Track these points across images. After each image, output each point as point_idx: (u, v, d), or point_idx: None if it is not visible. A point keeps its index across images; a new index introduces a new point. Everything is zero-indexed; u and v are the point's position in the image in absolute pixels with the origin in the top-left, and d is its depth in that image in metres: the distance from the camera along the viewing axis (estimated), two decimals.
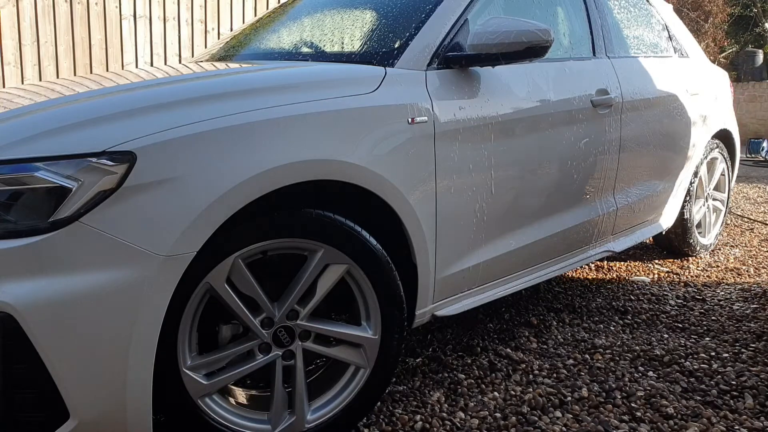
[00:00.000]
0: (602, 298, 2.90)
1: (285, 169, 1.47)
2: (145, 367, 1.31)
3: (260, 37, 2.61)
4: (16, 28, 5.24)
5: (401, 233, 1.77)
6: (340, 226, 1.59)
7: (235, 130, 1.42)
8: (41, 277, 1.21)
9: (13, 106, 1.54)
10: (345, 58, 2.03)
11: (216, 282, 1.44)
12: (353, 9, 2.41)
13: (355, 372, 1.71)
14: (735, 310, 2.73)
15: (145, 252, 1.27)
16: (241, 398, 1.64)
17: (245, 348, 1.55)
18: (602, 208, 2.61)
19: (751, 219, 4.72)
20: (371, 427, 1.78)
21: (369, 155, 1.64)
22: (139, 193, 1.28)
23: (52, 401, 1.25)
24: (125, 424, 1.32)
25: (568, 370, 2.14)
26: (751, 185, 6.55)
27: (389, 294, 1.68)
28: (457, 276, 1.97)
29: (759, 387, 1.97)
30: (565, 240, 2.41)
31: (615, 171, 2.62)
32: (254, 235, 1.47)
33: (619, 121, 2.58)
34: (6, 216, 1.22)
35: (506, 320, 2.60)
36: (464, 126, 1.88)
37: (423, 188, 1.78)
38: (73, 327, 1.23)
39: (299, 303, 1.58)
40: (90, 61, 5.57)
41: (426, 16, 2.01)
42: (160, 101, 1.44)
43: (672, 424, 1.77)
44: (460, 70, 1.94)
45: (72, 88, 1.80)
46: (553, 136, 2.23)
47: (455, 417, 1.83)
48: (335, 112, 1.60)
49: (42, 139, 1.28)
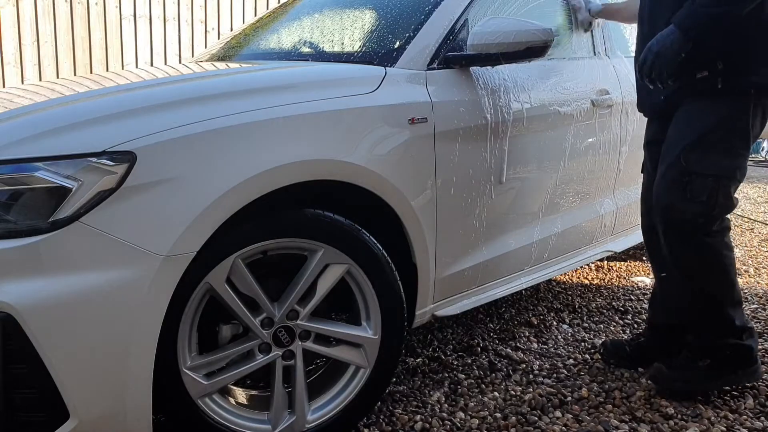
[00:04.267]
0: (602, 298, 2.90)
1: (285, 169, 1.47)
2: (145, 367, 1.31)
3: (260, 37, 2.61)
4: (16, 28, 5.24)
5: (401, 233, 1.77)
6: (340, 226, 1.59)
7: (235, 130, 1.42)
8: (41, 277, 1.21)
9: (13, 106, 1.54)
10: (345, 58, 2.03)
11: (216, 282, 1.44)
12: (353, 9, 2.41)
13: (355, 372, 1.71)
14: None
15: (145, 252, 1.27)
16: (241, 398, 1.64)
17: (245, 348, 1.55)
18: (602, 208, 2.61)
19: (751, 219, 4.72)
20: (371, 427, 1.78)
21: (369, 155, 1.64)
22: (139, 193, 1.28)
23: (52, 401, 1.25)
24: (125, 424, 1.32)
25: (568, 370, 2.14)
26: (751, 185, 6.55)
27: (389, 294, 1.68)
28: (457, 276, 1.97)
29: (759, 387, 1.97)
30: (565, 240, 2.41)
31: (615, 171, 2.63)
32: (254, 235, 1.47)
33: (620, 121, 2.58)
34: (6, 216, 1.22)
35: (506, 320, 2.60)
36: (464, 126, 1.88)
37: (423, 188, 1.78)
38: (73, 327, 1.23)
39: (299, 303, 1.58)
40: (90, 61, 5.57)
41: (426, 16, 2.00)
42: (160, 101, 1.44)
43: (672, 424, 1.77)
44: (461, 70, 1.94)
45: (72, 88, 1.80)
46: (553, 137, 2.23)
47: (455, 417, 1.83)
48: (335, 112, 1.60)
49: (42, 139, 1.28)
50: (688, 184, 1.78)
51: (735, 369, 1.90)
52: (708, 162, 1.76)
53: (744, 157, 1.81)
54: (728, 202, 1.80)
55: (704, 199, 1.76)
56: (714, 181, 1.75)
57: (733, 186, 1.80)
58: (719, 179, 1.76)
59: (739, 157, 1.79)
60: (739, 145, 1.78)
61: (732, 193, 1.81)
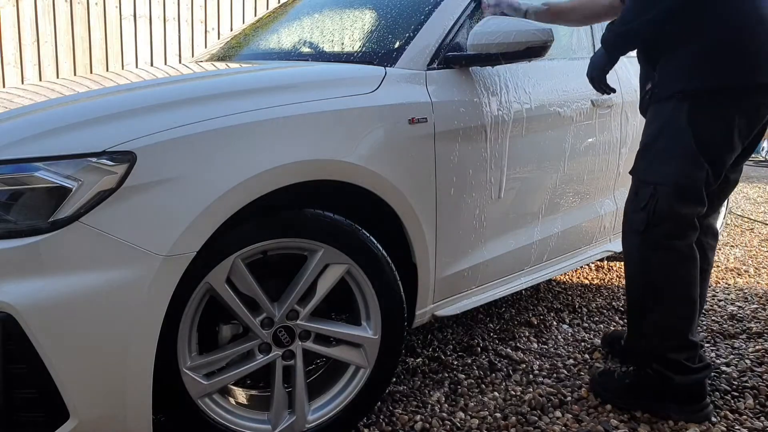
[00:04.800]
0: (602, 298, 2.90)
1: (285, 169, 1.47)
2: (145, 367, 1.31)
3: (260, 37, 2.61)
4: (16, 28, 5.24)
5: (401, 233, 1.77)
6: (340, 226, 1.59)
7: (236, 130, 1.42)
8: (41, 277, 1.21)
9: (13, 106, 1.54)
10: (345, 58, 2.03)
11: (216, 282, 1.44)
12: (353, 9, 2.41)
13: (355, 372, 1.71)
14: (735, 310, 2.72)
15: (145, 252, 1.27)
16: (241, 398, 1.64)
17: (245, 348, 1.55)
18: (602, 208, 2.61)
19: (751, 219, 4.72)
20: (371, 427, 1.78)
21: (369, 155, 1.64)
22: (139, 193, 1.28)
23: (52, 401, 1.25)
24: (125, 424, 1.32)
25: (568, 370, 2.14)
26: (751, 185, 6.55)
27: (389, 294, 1.68)
28: (457, 276, 1.97)
29: (759, 387, 1.97)
30: (565, 240, 2.41)
31: (615, 171, 2.63)
32: (254, 235, 1.47)
33: (620, 121, 2.58)
34: (6, 216, 1.22)
35: (506, 320, 2.60)
36: (464, 126, 1.88)
37: (423, 188, 1.78)
38: (73, 327, 1.23)
39: (299, 303, 1.58)
40: (90, 61, 5.57)
41: (426, 16, 2.00)
42: (160, 101, 1.44)
43: (672, 424, 1.77)
44: (461, 70, 1.94)
45: (72, 88, 1.80)
46: (553, 136, 2.23)
47: (455, 417, 1.83)
48: (335, 112, 1.60)
49: (42, 139, 1.28)
50: (637, 193, 1.77)
51: (661, 398, 1.79)
52: (651, 169, 1.75)
53: (687, 163, 1.68)
54: (672, 210, 1.69)
55: (643, 206, 1.72)
56: (654, 188, 1.71)
57: (675, 193, 1.68)
58: (657, 186, 1.70)
59: (680, 164, 1.69)
60: (678, 153, 1.69)
61: (678, 201, 1.69)
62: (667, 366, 1.76)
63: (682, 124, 1.68)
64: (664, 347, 1.77)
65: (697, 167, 1.69)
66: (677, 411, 1.78)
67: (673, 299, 1.75)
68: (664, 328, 1.76)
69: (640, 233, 1.75)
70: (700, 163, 1.69)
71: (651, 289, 1.77)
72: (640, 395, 1.83)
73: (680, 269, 1.74)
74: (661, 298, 1.75)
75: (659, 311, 1.76)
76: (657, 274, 1.75)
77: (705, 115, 1.68)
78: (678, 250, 1.73)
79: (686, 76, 1.68)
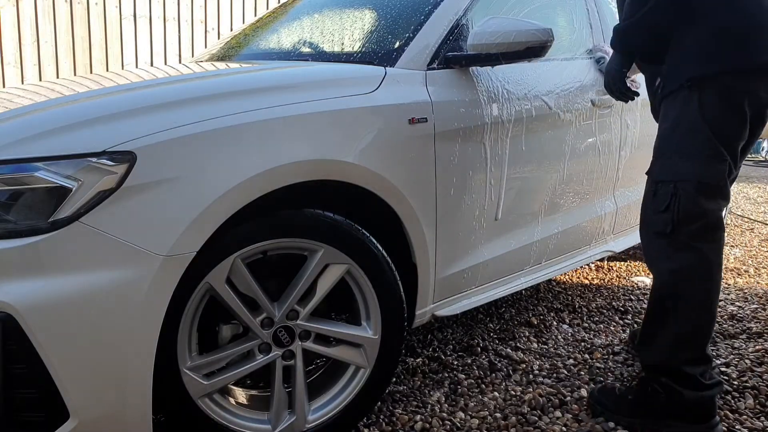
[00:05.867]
0: (602, 298, 2.90)
1: (285, 169, 1.47)
2: (144, 367, 1.31)
3: (260, 37, 2.61)
4: (16, 28, 5.24)
5: (401, 233, 1.77)
6: (340, 226, 1.59)
7: (236, 130, 1.42)
8: (41, 277, 1.21)
9: (13, 106, 1.54)
10: (345, 58, 2.03)
11: (216, 282, 1.44)
12: (353, 9, 2.41)
13: (355, 372, 1.71)
14: (735, 310, 2.72)
15: (145, 252, 1.27)
16: (241, 398, 1.64)
17: (245, 348, 1.55)
18: (602, 208, 2.61)
19: (751, 219, 4.72)
20: (371, 427, 1.78)
21: (369, 155, 1.64)
22: (139, 193, 1.28)
23: (52, 401, 1.25)
24: (125, 424, 1.32)
25: (568, 370, 2.14)
26: (751, 185, 6.55)
27: (389, 294, 1.68)
28: (457, 276, 1.97)
29: (760, 387, 1.97)
30: (565, 240, 2.41)
31: (615, 171, 2.63)
32: (254, 235, 1.47)
33: (619, 121, 2.58)
34: (6, 216, 1.22)
35: (506, 320, 2.60)
36: (464, 126, 1.88)
37: (423, 188, 1.78)
38: (73, 327, 1.23)
39: (299, 303, 1.58)
40: (90, 61, 5.57)
41: (426, 16, 2.00)
42: (160, 101, 1.44)
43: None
44: (461, 70, 1.94)
45: (72, 88, 1.80)
46: (553, 136, 2.23)
47: (455, 417, 1.83)
48: (335, 112, 1.60)
49: (42, 139, 1.28)
50: (655, 194, 1.68)
51: (667, 415, 1.69)
52: (667, 167, 1.66)
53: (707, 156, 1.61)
54: (699, 207, 1.61)
55: (665, 207, 1.63)
56: (674, 187, 1.63)
57: (698, 189, 1.61)
58: (678, 184, 1.62)
59: (701, 158, 1.62)
60: (697, 146, 1.62)
61: (703, 198, 1.61)
62: (678, 380, 1.67)
63: (696, 115, 1.61)
64: (679, 360, 1.67)
65: (717, 159, 1.62)
66: (684, 430, 1.68)
67: (695, 308, 1.65)
68: (683, 339, 1.66)
69: (665, 235, 1.64)
70: (720, 154, 1.61)
71: (674, 295, 1.66)
72: (645, 412, 1.73)
73: (705, 275, 1.64)
74: (684, 307, 1.65)
75: (680, 320, 1.66)
76: (681, 279, 1.65)
77: (716, 102, 1.61)
78: (705, 254, 1.63)
79: (695, 62, 1.62)
